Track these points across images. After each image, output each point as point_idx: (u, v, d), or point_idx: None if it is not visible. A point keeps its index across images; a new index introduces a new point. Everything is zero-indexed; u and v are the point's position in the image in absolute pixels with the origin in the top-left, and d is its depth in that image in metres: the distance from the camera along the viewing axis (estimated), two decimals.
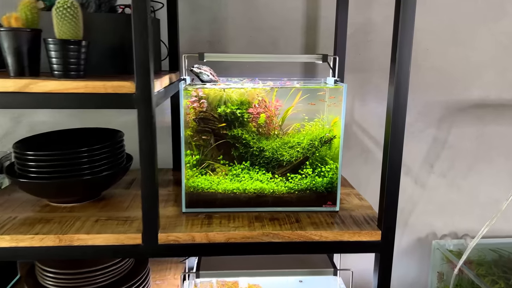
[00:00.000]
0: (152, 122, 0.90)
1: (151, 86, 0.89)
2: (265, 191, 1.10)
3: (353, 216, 1.09)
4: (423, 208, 1.71)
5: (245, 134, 1.10)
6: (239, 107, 1.09)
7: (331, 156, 1.13)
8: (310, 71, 1.55)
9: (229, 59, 1.09)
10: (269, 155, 1.10)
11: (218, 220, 1.04)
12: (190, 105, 1.10)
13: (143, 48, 0.86)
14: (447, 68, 1.58)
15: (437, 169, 1.68)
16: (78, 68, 0.93)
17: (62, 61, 0.91)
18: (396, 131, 0.95)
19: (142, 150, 0.91)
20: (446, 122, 1.63)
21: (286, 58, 1.11)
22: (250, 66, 1.51)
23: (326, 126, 1.13)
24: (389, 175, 0.97)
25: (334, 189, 1.11)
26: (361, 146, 1.63)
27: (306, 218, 1.06)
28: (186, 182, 1.08)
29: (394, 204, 0.99)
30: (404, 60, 0.91)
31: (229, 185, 1.09)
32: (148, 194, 0.94)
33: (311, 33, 1.51)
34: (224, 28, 1.48)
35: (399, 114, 0.94)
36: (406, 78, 0.92)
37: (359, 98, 1.58)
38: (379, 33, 1.53)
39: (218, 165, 1.12)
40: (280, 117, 1.14)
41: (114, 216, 1.07)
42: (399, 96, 0.93)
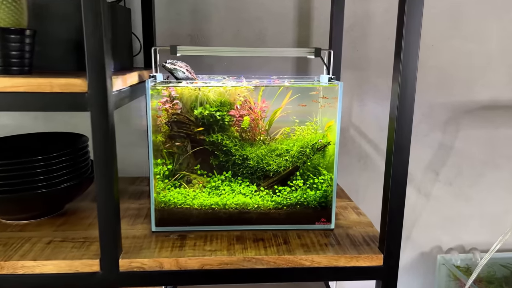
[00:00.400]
0: (109, 127, 0.75)
1: (107, 84, 0.74)
2: (248, 207, 0.95)
3: (351, 236, 0.93)
4: (427, 219, 1.56)
5: (226, 140, 0.95)
6: (219, 109, 0.94)
7: (325, 166, 0.98)
8: (303, 69, 1.40)
9: (206, 53, 0.94)
10: (253, 164, 0.95)
11: (193, 242, 0.89)
12: (161, 106, 0.94)
13: (96, 37, 0.71)
14: (453, 65, 1.43)
15: (443, 177, 1.53)
16: (21, 62, 0.78)
17: (0, 53, 0.75)
18: (401, 136, 0.80)
19: (96, 159, 0.76)
20: (453, 125, 1.49)
21: (273, 52, 0.96)
22: (236, 63, 1.36)
23: (319, 131, 0.97)
24: (392, 190, 0.82)
25: (329, 203, 0.96)
26: (359, 151, 1.48)
27: (295, 239, 0.91)
28: (156, 197, 0.93)
29: (398, 223, 0.84)
30: (411, 52, 0.76)
31: (206, 200, 0.94)
32: (105, 212, 0.78)
33: (304, 28, 1.37)
34: (208, 20, 1.33)
35: (405, 117, 0.79)
36: (413, 74, 0.77)
37: (356, 99, 1.43)
38: (379, 27, 1.38)
39: (195, 176, 0.96)
40: (266, 121, 0.99)
41: (71, 236, 0.91)
42: (405, 96, 0.78)
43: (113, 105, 0.77)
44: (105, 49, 0.72)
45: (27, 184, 0.95)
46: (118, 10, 1.05)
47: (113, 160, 0.77)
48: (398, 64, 0.78)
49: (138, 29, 1.26)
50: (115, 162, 0.78)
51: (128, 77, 0.89)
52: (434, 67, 1.43)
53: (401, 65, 0.77)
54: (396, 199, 0.83)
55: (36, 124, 1.37)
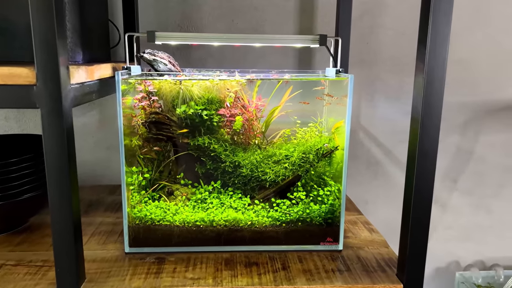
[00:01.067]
0: (64, 128, 0.60)
1: (61, 75, 0.59)
2: (240, 224, 0.80)
3: (363, 259, 0.78)
4: (444, 232, 1.41)
5: (214, 143, 0.80)
6: (206, 107, 0.79)
7: (332, 175, 0.83)
8: (306, 64, 1.25)
9: (191, 40, 0.80)
10: (247, 172, 0.80)
11: (172, 266, 0.74)
12: (137, 104, 0.80)
13: (46, 16, 0.57)
14: (475, 60, 1.28)
15: (461, 186, 1.37)
16: None
17: None
18: (426, 140, 0.65)
19: (48, 167, 0.61)
20: (472, 128, 1.33)
21: (270, 41, 0.81)
22: (230, 58, 1.21)
23: (325, 133, 0.83)
24: (415, 204, 0.67)
25: (336, 220, 0.81)
26: (368, 157, 1.32)
27: (296, 263, 0.76)
28: (129, 212, 0.78)
29: (421, 245, 0.69)
30: (440, 35, 0.61)
31: (190, 215, 0.79)
32: (60, 233, 0.63)
33: (306, 18, 1.22)
34: (199, 9, 1.18)
35: (432, 117, 0.64)
36: (442, 63, 0.62)
37: (365, 98, 1.28)
38: (392, 16, 1.23)
39: (177, 187, 0.82)
40: (263, 121, 0.84)
41: (28, 258, 0.76)
42: (432, 91, 0.63)
43: (71, 101, 0.62)
44: (57, 31, 0.58)
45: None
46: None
47: (69, 168, 0.62)
48: (424, 51, 0.62)
49: (120, 18, 1.11)
50: (73, 171, 0.63)
51: (96, 68, 0.74)
52: (452, 62, 1.27)
53: (427, 52, 0.62)
54: (420, 215, 0.68)
55: (8, 125, 1.22)
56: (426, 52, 0.62)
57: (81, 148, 1.23)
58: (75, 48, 0.82)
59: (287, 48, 1.23)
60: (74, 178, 0.63)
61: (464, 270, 1.42)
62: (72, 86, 0.63)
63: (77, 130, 1.22)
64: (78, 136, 1.23)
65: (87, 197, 1.09)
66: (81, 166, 1.24)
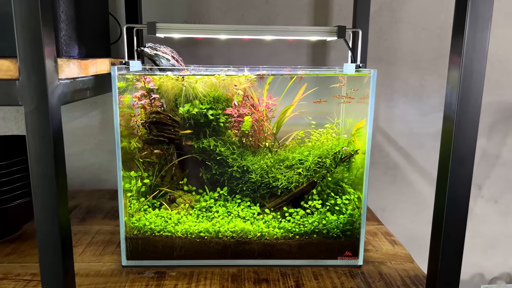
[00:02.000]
0: (50, 128, 0.53)
1: (46, 68, 0.52)
2: (249, 235, 0.72)
3: (385, 276, 0.70)
4: (467, 242, 1.30)
5: (221, 146, 0.73)
6: (211, 106, 0.72)
7: (351, 181, 0.75)
8: (320, 62, 1.17)
9: (195, 32, 0.72)
10: (256, 178, 0.73)
11: (173, 282, 0.66)
12: (136, 102, 0.73)
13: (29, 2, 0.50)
14: (504, 58, 1.19)
15: (487, 192, 1.28)
16: None
17: None
18: (462, 143, 0.57)
19: (32, 172, 0.54)
20: (500, 130, 1.24)
21: (282, 33, 0.73)
22: (241, 54, 1.14)
23: (343, 135, 0.75)
24: (449, 217, 0.59)
25: (356, 232, 0.72)
26: (386, 161, 1.24)
27: (311, 280, 0.68)
28: (127, 221, 0.71)
29: (455, 264, 0.60)
30: (482, 18, 0.53)
31: (194, 225, 0.71)
32: (47, 243, 0.56)
33: (321, 12, 1.14)
34: (207, 3, 1.11)
35: (469, 116, 0.56)
36: (483, 53, 0.54)
37: (384, 98, 1.20)
38: (412, 11, 1.15)
39: (180, 193, 0.74)
40: (274, 122, 0.76)
41: (16, 271, 0.70)
42: (470, 86, 0.55)
43: (59, 97, 0.55)
44: (42, 17, 0.51)
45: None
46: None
47: (58, 174, 0.55)
48: (460, 39, 0.54)
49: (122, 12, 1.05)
50: (63, 177, 0.56)
51: (90, 63, 0.67)
52: None
53: (465, 40, 0.53)
54: (453, 229, 0.60)
55: (7, 126, 1.16)
56: (464, 41, 0.54)
57: (83, 151, 1.17)
58: (70, 42, 0.75)
59: (300, 45, 1.15)
60: (62, 185, 0.56)
61: (489, 283, 1.33)
62: (60, 81, 0.56)
63: (78, 132, 1.16)
64: (79, 138, 1.17)
65: (86, 202, 1.02)
66: (83, 169, 1.18)
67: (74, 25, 0.77)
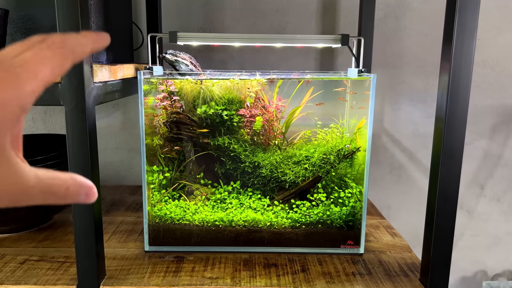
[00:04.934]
0: (87, 125, 0.61)
1: (84, 73, 0.60)
2: (259, 224, 0.79)
3: (384, 263, 0.76)
4: (471, 240, 1.36)
5: (234, 144, 0.80)
6: (226, 107, 0.79)
7: (353, 176, 0.81)
8: (328, 67, 1.24)
9: (212, 40, 0.80)
10: (266, 173, 0.80)
11: (191, 265, 0.74)
12: (159, 103, 0.80)
13: (70, 14, 0.58)
14: (502, 61, 1.24)
15: (489, 192, 1.33)
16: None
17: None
18: (451, 141, 0.63)
19: (71, 164, 0.62)
20: (501, 131, 1.29)
21: (291, 41, 0.80)
22: (251, 60, 1.21)
23: (347, 134, 0.81)
24: (439, 208, 0.65)
25: (357, 222, 0.79)
26: (391, 161, 1.30)
27: (316, 266, 0.74)
28: (149, 210, 0.78)
29: (446, 250, 0.67)
30: (467, 32, 0.60)
31: (209, 215, 0.79)
32: (83, 230, 0.64)
33: (328, 20, 1.21)
34: (221, 12, 1.19)
35: (457, 115, 0.62)
36: (469, 59, 0.60)
37: (389, 101, 1.26)
38: (415, 18, 1.21)
39: (197, 186, 0.82)
40: (283, 122, 0.83)
41: (51, 254, 0.78)
42: (458, 88, 0.61)
43: (94, 99, 0.63)
44: (82, 29, 0.59)
45: None
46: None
47: (92, 166, 0.63)
48: (449, 48, 0.61)
49: (144, 21, 1.13)
50: (96, 168, 0.64)
51: (119, 68, 0.75)
52: (480, 63, 1.24)
53: (453, 49, 0.60)
54: (444, 219, 0.66)
55: (35, 126, 1.26)
56: (452, 50, 0.60)
57: (105, 149, 1.26)
58: None
59: (308, 51, 1.22)
60: (96, 174, 0.64)
61: (491, 280, 1.37)
62: (95, 84, 0.64)
63: (101, 131, 1.24)
64: (102, 137, 1.25)
65: (109, 196, 1.10)
66: (105, 166, 1.27)
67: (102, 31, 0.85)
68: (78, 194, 0.24)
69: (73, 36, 0.24)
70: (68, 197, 0.24)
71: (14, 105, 0.20)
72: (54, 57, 0.23)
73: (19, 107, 0.21)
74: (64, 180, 0.24)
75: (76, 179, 0.25)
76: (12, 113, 0.21)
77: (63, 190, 0.24)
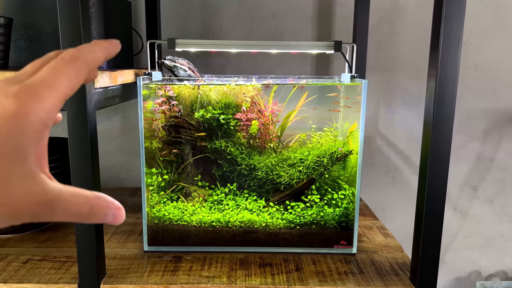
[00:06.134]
0: (88, 129, 0.64)
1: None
2: (255, 225, 0.81)
3: (376, 263, 0.79)
4: (464, 241, 1.39)
5: (231, 147, 0.82)
6: (223, 112, 0.82)
7: (346, 178, 0.84)
8: (324, 71, 1.27)
9: (210, 47, 0.83)
10: (262, 175, 0.82)
11: (189, 265, 0.76)
12: (157, 108, 0.83)
13: (73, 22, 0.60)
14: (495, 66, 1.27)
15: (482, 193, 1.35)
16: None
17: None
18: (438, 144, 0.66)
19: (73, 167, 0.65)
20: (494, 135, 1.31)
21: (286, 47, 0.83)
22: (248, 65, 1.24)
23: (340, 138, 0.84)
24: (428, 209, 0.68)
25: (350, 223, 0.81)
26: (386, 163, 1.32)
27: (309, 265, 0.77)
28: (148, 211, 0.81)
29: (434, 249, 0.69)
30: (452, 40, 0.62)
31: (207, 216, 0.81)
32: (84, 230, 0.67)
33: (324, 25, 1.24)
34: (219, 18, 1.22)
35: (444, 121, 0.65)
36: (454, 66, 0.63)
37: (383, 104, 1.28)
38: (409, 23, 1.24)
39: (195, 188, 0.84)
40: (278, 126, 0.86)
41: (53, 254, 0.80)
42: (444, 94, 0.64)
43: (94, 104, 0.66)
44: (84, 38, 0.62)
45: None
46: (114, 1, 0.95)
47: (93, 168, 0.65)
48: (436, 55, 0.63)
49: (143, 26, 1.16)
50: (97, 171, 0.67)
51: (119, 74, 0.78)
52: (472, 68, 1.26)
53: (440, 57, 0.63)
54: (432, 220, 0.68)
55: None
56: (438, 57, 0.63)
57: (106, 152, 1.28)
58: None
59: (304, 56, 1.25)
60: (97, 177, 0.67)
61: (485, 280, 1.40)
62: (96, 90, 0.67)
63: (101, 135, 1.27)
64: (102, 141, 1.27)
65: None
66: (105, 169, 1.29)
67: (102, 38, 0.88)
68: (105, 214, 0.24)
69: (85, 47, 0.25)
70: (91, 217, 0.23)
71: (36, 122, 0.21)
72: (69, 70, 0.23)
73: (41, 123, 0.21)
74: (88, 199, 0.23)
75: (102, 198, 0.24)
76: (35, 130, 0.21)
77: (87, 209, 0.23)
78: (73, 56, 0.24)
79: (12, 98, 0.21)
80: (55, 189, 0.22)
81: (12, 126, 0.20)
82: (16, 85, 0.21)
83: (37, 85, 0.22)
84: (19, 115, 0.20)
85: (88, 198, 0.23)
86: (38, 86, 0.22)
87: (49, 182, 0.22)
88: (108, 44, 0.26)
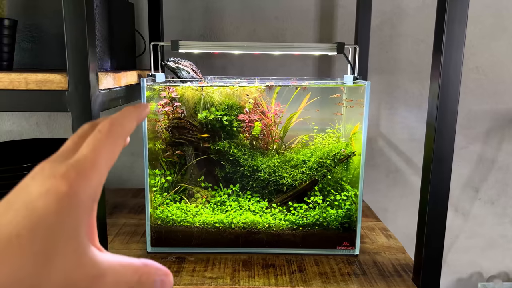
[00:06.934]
0: None
1: (90, 80, 0.63)
2: (258, 226, 0.82)
3: (379, 264, 0.79)
4: (466, 242, 1.39)
5: (234, 148, 0.83)
6: (226, 113, 0.82)
7: (349, 180, 0.84)
8: (326, 73, 1.27)
9: (212, 48, 0.83)
10: (265, 176, 0.82)
11: (192, 266, 0.76)
12: (161, 109, 0.83)
13: (78, 26, 0.61)
14: (496, 68, 1.27)
15: (484, 195, 1.35)
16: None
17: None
18: (441, 146, 0.66)
19: None
20: (495, 136, 1.32)
21: (288, 49, 0.83)
22: (251, 66, 1.24)
23: (342, 139, 0.84)
24: (430, 210, 0.68)
25: (353, 224, 0.82)
26: (388, 164, 1.32)
27: (312, 266, 0.77)
28: (152, 212, 0.81)
29: (437, 250, 0.69)
30: (455, 42, 0.62)
31: (210, 217, 0.82)
32: None
33: (326, 27, 1.24)
34: (221, 19, 1.22)
35: (447, 122, 0.65)
36: (457, 69, 0.63)
37: (385, 106, 1.29)
38: (411, 25, 1.24)
39: (198, 189, 0.84)
40: (281, 127, 0.86)
41: None
42: (447, 96, 0.64)
43: (99, 105, 0.66)
44: (88, 40, 0.62)
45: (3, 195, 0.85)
46: (117, 3, 0.96)
47: None
48: (439, 57, 0.64)
49: (146, 28, 1.16)
50: None
51: (122, 75, 0.78)
52: (474, 70, 1.27)
53: (442, 59, 0.63)
54: (435, 221, 0.68)
55: (39, 130, 1.28)
56: (441, 59, 0.63)
57: None
58: (103, 56, 0.86)
59: (306, 57, 1.25)
60: None
61: (487, 281, 1.40)
62: (100, 91, 0.67)
63: None
64: None
65: (112, 199, 1.13)
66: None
67: (107, 42, 0.88)
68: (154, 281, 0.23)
69: (118, 116, 0.25)
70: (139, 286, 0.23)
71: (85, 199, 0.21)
72: (108, 143, 0.23)
73: (90, 199, 0.22)
74: (137, 268, 0.23)
75: (149, 266, 0.23)
76: (85, 206, 0.21)
77: (136, 278, 0.23)
78: (109, 128, 0.24)
79: (61, 179, 0.21)
80: (105, 261, 0.22)
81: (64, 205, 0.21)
82: (62, 165, 0.22)
83: (82, 164, 0.22)
84: (70, 195, 0.21)
85: (137, 267, 0.23)
86: (83, 165, 0.22)
87: (100, 255, 0.22)
88: (137, 109, 0.27)
